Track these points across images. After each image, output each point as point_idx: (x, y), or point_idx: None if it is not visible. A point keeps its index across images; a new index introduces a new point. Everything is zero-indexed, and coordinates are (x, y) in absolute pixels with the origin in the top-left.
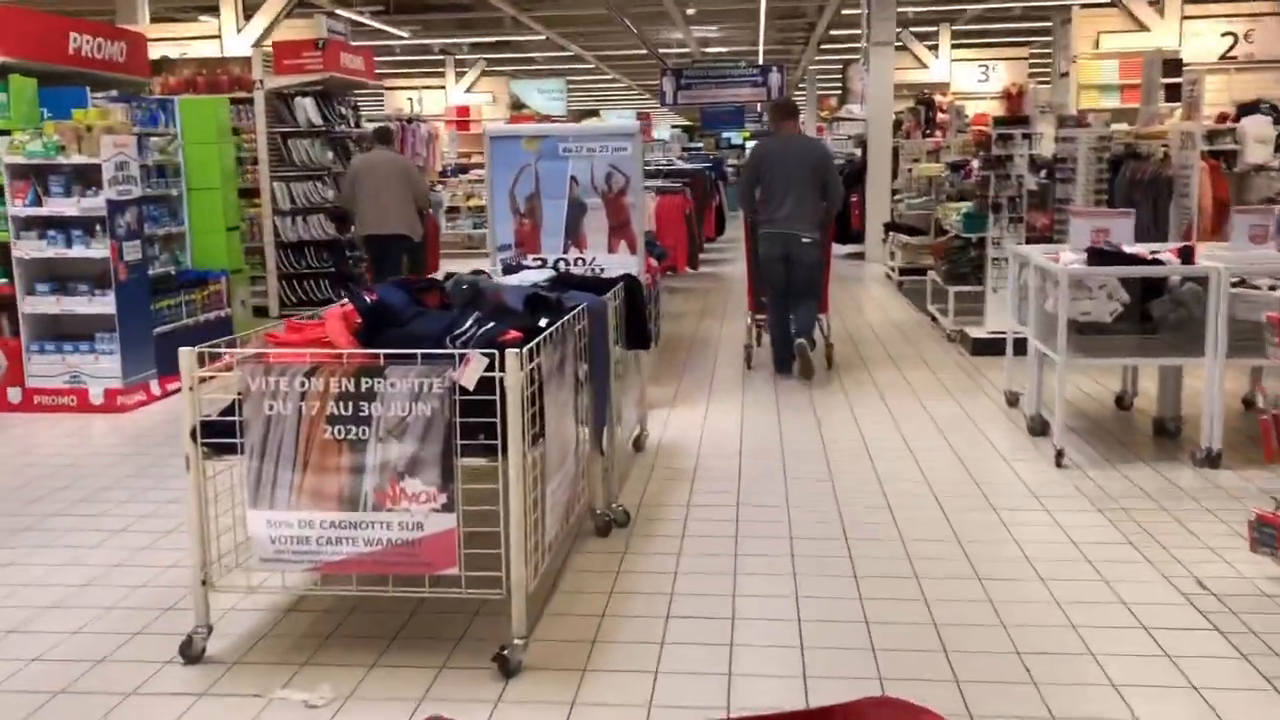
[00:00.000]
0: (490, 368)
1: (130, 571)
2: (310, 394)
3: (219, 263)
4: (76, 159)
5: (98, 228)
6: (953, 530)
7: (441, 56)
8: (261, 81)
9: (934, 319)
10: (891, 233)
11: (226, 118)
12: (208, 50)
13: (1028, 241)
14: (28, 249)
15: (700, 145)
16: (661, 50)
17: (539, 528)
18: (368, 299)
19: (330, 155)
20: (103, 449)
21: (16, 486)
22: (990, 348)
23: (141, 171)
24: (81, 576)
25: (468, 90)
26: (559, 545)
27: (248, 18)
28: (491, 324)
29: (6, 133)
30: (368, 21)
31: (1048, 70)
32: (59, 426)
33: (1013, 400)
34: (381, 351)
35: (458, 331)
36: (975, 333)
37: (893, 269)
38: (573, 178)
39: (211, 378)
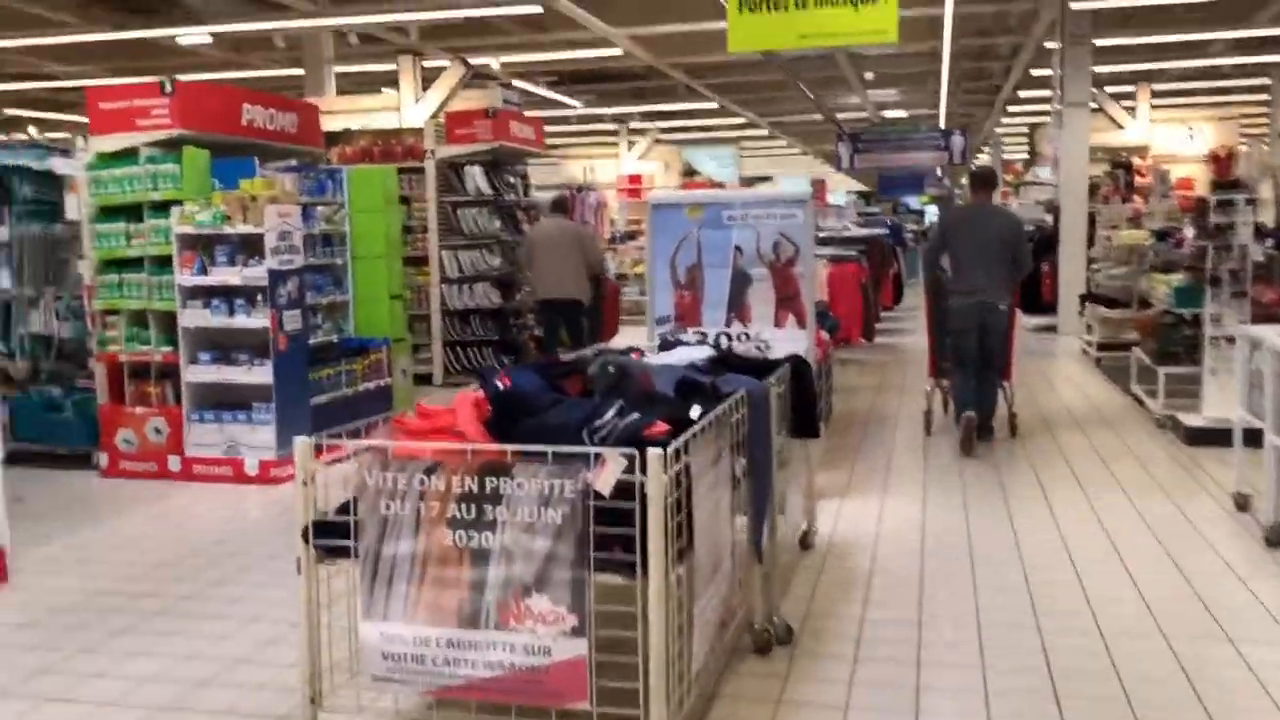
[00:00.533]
0: (630, 469)
1: (252, 669)
2: (430, 493)
3: (381, 331)
4: (241, 229)
5: (259, 297)
6: (1182, 668)
7: (614, 125)
8: (433, 151)
9: (1140, 401)
10: (1088, 304)
11: (394, 187)
12: (386, 121)
13: (1253, 319)
14: (192, 318)
15: (877, 210)
16: (838, 115)
17: (684, 656)
18: (499, 384)
19: (498, 224)
20: (250, 525)
21: (160, 563)
22: (1209, 438)
23: (307, 240)
24: (204, 671)
25: (640, 158)
26: (710, 668)
27: (426, 89)
28: (636, 414)
29: (179, 203)
30: (542, 92)
31: (1260, 130)
32: (212, 498)
33: (1242, 503)
34: (508, 447)
35: (597, 424)
36: (1191, 420)
37: (1089, 344)
38: (737, 247)
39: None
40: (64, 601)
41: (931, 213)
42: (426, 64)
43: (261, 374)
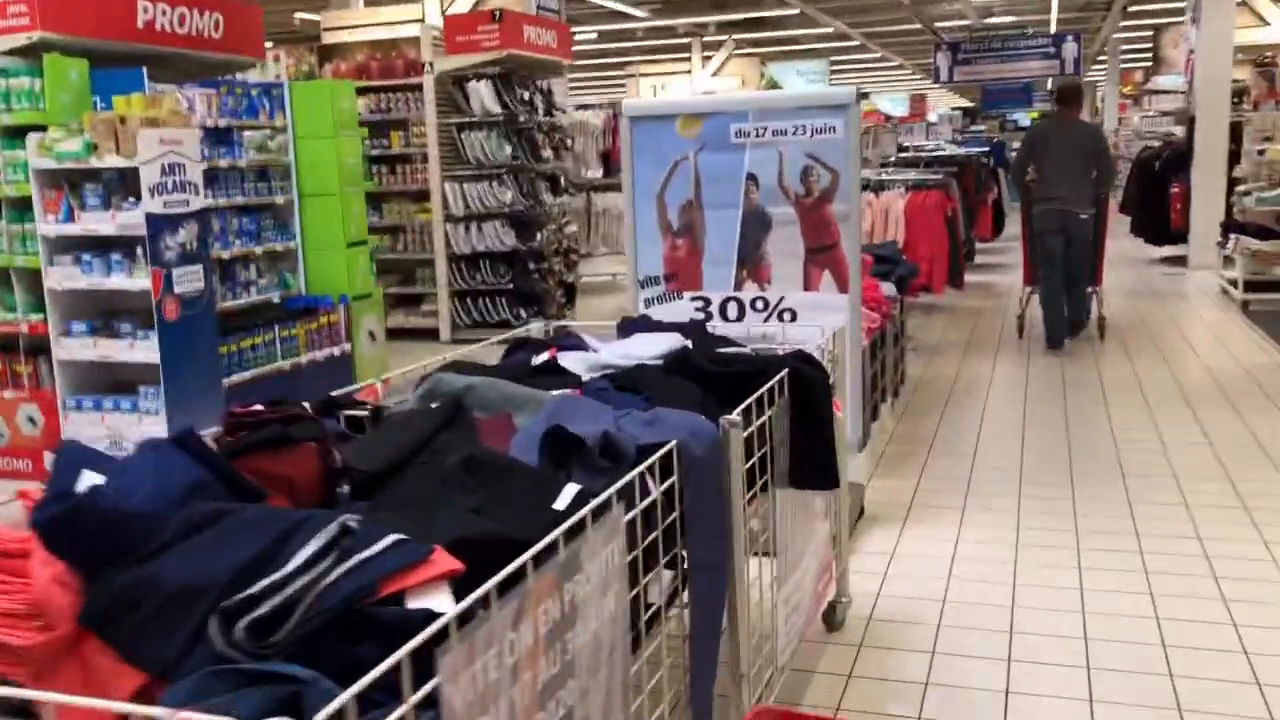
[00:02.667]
0: None
1: None
2: None
3: (339, 286)
4: (113, 161)
5: (139, 250)
6: None
7: (687, 39)
8: (430, 64)
9: None
10: (1232, 235)
11: (349, 105)
12: (406, 34)
13: None
14: (60, 278)
15: (983, 128)
16: (937, 24)
17: None
18: (75, 490)
19: (508, 150)
20: None
21: None
22: None
23: (232, 174)
24: None
25: (715, 74)
26: None
27: None
28: (391, 537)
29: (42, 128)
30: (602, 1)
31: None
32: None
33: None
34: None
35: (272, 579)
36: None
37: (1232, 282)
38: (750, 176)
39: None
40: None
41: None
42: None
43: (146, 349)
